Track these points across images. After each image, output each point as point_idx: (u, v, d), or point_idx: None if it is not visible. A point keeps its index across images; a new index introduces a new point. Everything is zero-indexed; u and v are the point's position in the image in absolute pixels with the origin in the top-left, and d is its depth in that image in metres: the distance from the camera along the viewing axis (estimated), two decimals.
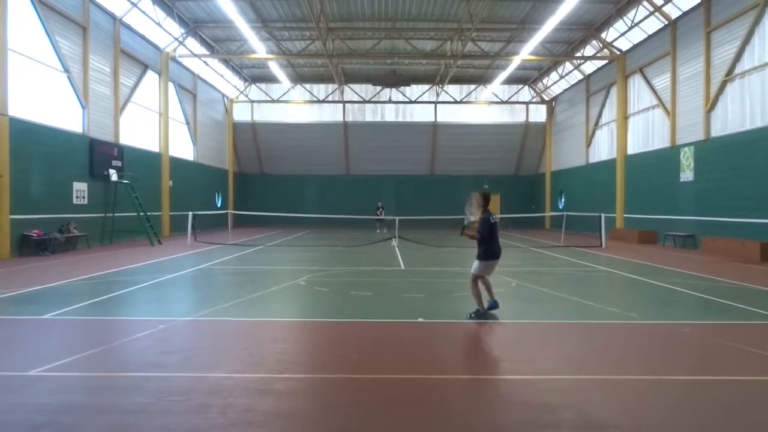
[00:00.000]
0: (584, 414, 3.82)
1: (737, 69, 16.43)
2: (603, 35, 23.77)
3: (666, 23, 20.22)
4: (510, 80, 31.71)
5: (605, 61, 25.16)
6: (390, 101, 33.91)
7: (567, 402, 4.04)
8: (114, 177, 18.58)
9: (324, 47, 23.66)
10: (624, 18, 21.98)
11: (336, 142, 34.49)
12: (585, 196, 27.39)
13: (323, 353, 5.64)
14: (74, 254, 15.16)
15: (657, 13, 20.25)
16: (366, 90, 33.50)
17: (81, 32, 17.38)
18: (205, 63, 28.24)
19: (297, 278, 10.63)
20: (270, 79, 32.83)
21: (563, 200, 31.10)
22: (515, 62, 26.08)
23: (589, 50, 25.87)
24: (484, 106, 34.33)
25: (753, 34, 15.71)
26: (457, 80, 32.08)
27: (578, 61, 27.36)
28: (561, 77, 30.45)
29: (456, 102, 34.01)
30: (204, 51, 26.31)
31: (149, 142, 22.57)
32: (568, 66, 28.96)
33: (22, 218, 14.50)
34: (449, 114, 34.29)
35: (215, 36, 25.73)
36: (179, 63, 25.30)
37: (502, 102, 34.16)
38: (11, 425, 3.60)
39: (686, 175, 18.93)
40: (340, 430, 3.60)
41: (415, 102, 33.97)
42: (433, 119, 34.05)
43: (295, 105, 34.20)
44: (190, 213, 19.88)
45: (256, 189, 35.32)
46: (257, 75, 32.68)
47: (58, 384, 4.43)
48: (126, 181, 19.03)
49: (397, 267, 12.87)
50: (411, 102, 33.98)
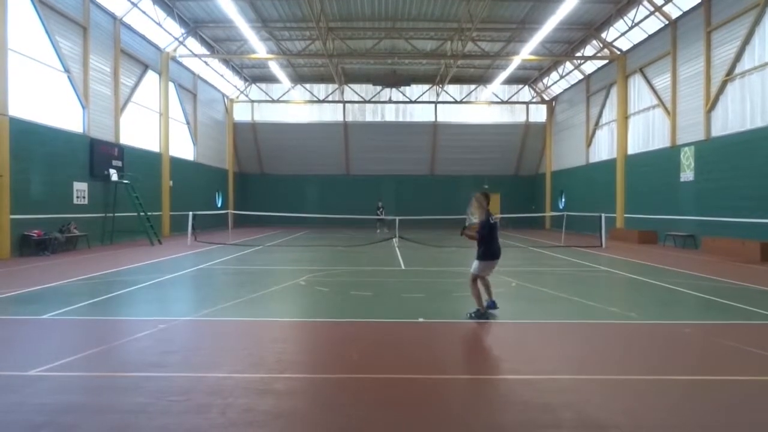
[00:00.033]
0: (584, 414, 3.82)
1: (737, 69, 16.42)
2: (603, 35, 23.77)
3: (666, 23, 20.21)
4: (510, 80, 31.71)
5: (605, 61, 25.16)
6: (390, 101, 33.92)
7: (567, 402, 4.04)
8: (114, 177, 18.59)
9: (324, 47, 23.66)
10: (624, 18, 21.98)
11: (336, 142, 34.49)
12: (585, 196, 27.38)
13: (323, 353, 5.64)
14: (74, 254, 15.17)
15: (657, 13, 20.25)
16: (366, 90, 33.50)
17: (81, 32, 17.39)
18: (206, 63, 28.24)
19: (297, 278, 10.63)
20: (270, 79, 32.84)
21: (563, 200, 31.09)
22: (515, 62, 26.07)
23: (590, 50, 25.86)
24: (485, 106, 34.32)
25: (753, 34, 15.71)
26: (458, 80, 32.07)
27: (578, 61, 27.35)
28: (561, 77, 30.44)
29: (456, 102, 34.00)
30: (204, 51, 26.32)
31: (149, 142, 22.58)
32: (569, 66, 28.96)
33: (23, 218, 14.50)
34: (449, 114, 34.29)
35: (215, 36, 25.74)
36: (179, 63, 25.31)
37: (503, 102, 34.15)
38: (11, 425, 3.60)
39: (686, 175, 18.92)
40: (340, 430, 3.60)
41: (415, 102, 33.97)
42: (434, 119, 34.05)
43: (296, 105, 34.20)
44: (191, 213, 19.88)
45: (257, 189, 35.31)
46: (257, 75, 32.69)
47: (58, 384, 4.43)
48: (126, 181, 19.04)
49: (398, 267, 12.87)
50: (411, 102, 33.98)
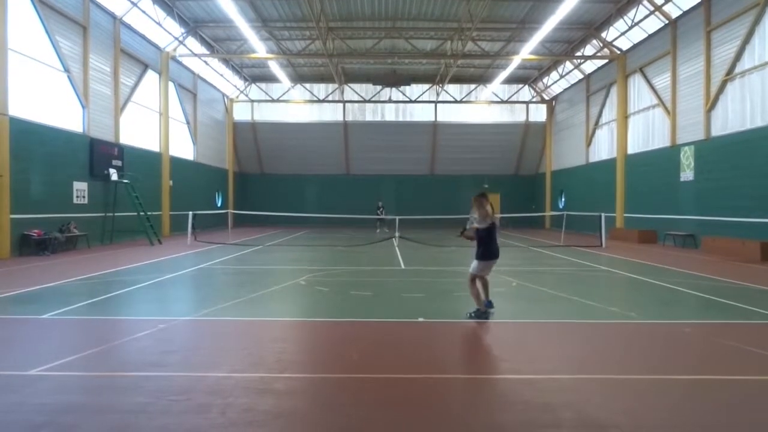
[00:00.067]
0: (584, 414, 3.81)
1: (737, 68, 16.42)
2: (603, 35, 23.76)
3: (666, 22, 20.21)
4: (510, 80, 31.70)
5: (605, 61, 25.15)
6: (390, 101, 33.90)
7: (567, 402, 4.04)
8: (114, 177, 18.58)
9: (324, 47, 23.66)
10: (624, 17, 21.98)
11: (336, 142, 34.48)
12: (585, 196, 27.38)
13: (323, 353, 5.64)
14: (74, 254, 15.17)
15: (657, 13, 20.24)
16: (366, 89, 33.49)
17: (81, 32, 17.38)
18: (206, 62, 28.24)
19: (297, 278, 10.63)
20: (270, 79, 32.82)
21: (563, 200, 31.09)
22: (515, 62, 26.07)
23: (590, 50, 25.86)
24: (484, 106, 34.32)
25: (753, 34, 15.70)
26: (457, 80, 32.06)
27: (578, 61, 27.36)
28: (561, 77, 30.44)
29: (456, 101, 33.99)
30: (204, 50, 26.32)
31: (149, 142, 22.57)
32: (569, 65, 28.96)
33: (23, 218, 14.50)
34: (449, 113, 34.28)
35: (215, 35, 25.73)
36: (179, 62, 25.30)
37: (502, 101, 34.14)
38: (11, 425, 3.60)
39: (686, 175, 18.92)
40: (341, 430, 3.60)
41: (415, 101, 33.95)
42: (433, 119, 34.04)
43: (295, 104, 34.20)
44: (190, 213, 19.90)
45: (256, 189, 35.31)
46: (257, 74, 32.68)
47: (58, 384, 4.43)
48: (126, 181, 19.03)
49: (397, 267, 12.87)
50: (411, 101, 33.97)
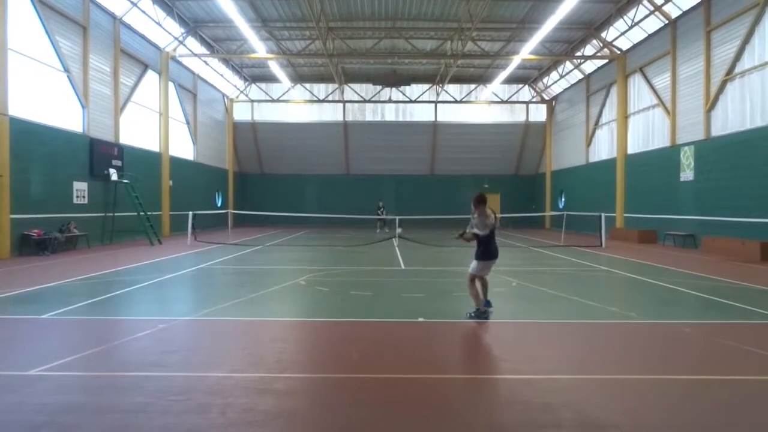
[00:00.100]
0: (584, 414, 3.82)
1: (737, 68, 16.42)
2: (603, 34, 23.76)
3: (666, 22, 20.21)
4: (510, 80, 31.69)
5: (605, 61, 25.15)
6: (390, 101, 33.90)
7: (567, 402, 4.04)
8: (114, 177, 18.58)
9: (324, 47, 23.65)
10: (624, 17, 21.98)
11: (336, 142, 34.48)
12: (585, 196, 27.38)
13: (323, 353, 5.64)
14: (74, 254, 15.17)
15: (657, 13, 20.24)
16: (366, 89, 33.49)
17: (81, 32, 17.37)
18: (205, 62, 28.23)
19: (297, 278, 10.63)
20: (270, 79, 32.82)
21: (563, 200, 31.09)
22: (515, 62, 26.07)
23: (589, 50, 25.85)
24: (484, 106, 34.31)
25: (753, 34, 15.70)
26: (457, 80, 32.06)
27: (578, 61, 27.35)
28: (561, 77, 30.44)
29: (456, 101, 33.99)
30: (204, 50, 26.32)
31: (149, 142, 22.57)
32: (569, 65, 28.96)
33: (23, 218, 14.50)
34: (449, 113, 34.27)
35: (215, 35, 25.72)
36: (179, 62, 25.29)
37: (502, 101, 34.14)
38: (11, 425, 3.60)
39: (686, 175, 18.92)
40: (341, 430, 3.60)
41: (415, 101, 33.95)
42: (433, 119, 34.04)
43: (295, 104, 34.19)
44: (190, 213, 19.90)
45: (256, 189, 35.30)
46: (257, 74, 32.67)
47: (58, 384, 4.43)
48: (126, 181, 19.03)
49: (397, 267, 12.87)
50: (411, 101, 33.96)
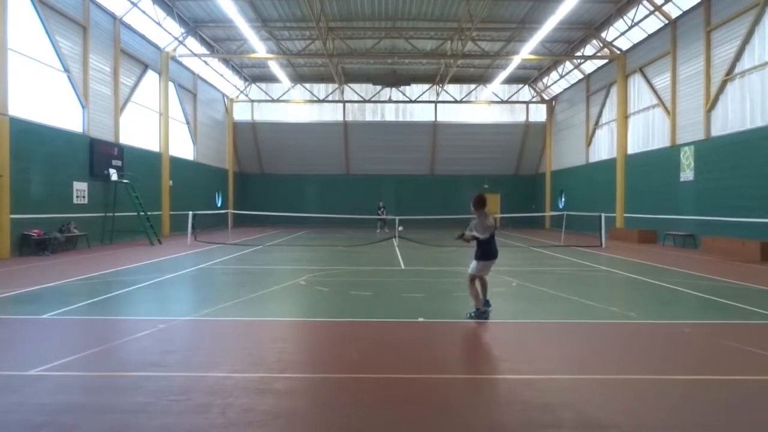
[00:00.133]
0: (584, 414, 3.82)
1: (737, 68, 16.42)
2: (603, 35, 23.76)
3: (666, 23, 20.21)
4: (510, 80, 31.69)
5: (605, 61, 25.15)
6: (390, 101, 33.89)
7: (567, 402, 4.04)
8: (114, 177, 18.58)
9: (324, 47, 23.66)
10: (624, 17, 21.98)
11: (336, 142, 34.48)
12: (585, 196, 27.38)
13: (323, 353, 5.64)
14: (74, 254, 15.17)
15: (657, 13, 20.24)
16: (366, 89, 33.49)
17: (81, 32, 17.38)
18: (205, 62, 28.23)
19: (297, 278, 10.63)
20: (270, 79, 32.82)
21: (563, 200, 31.09)
22: (515, 62, 26.07)
23: (589, 50, 25.85)
24: (484, 106, 34.31)
25: (753, 34, 15.70)
26: (457, 80, 32.06)
27: (578, 61, 27.35)
28: (561, 77, 30.44)
29: (456, 101, 33.99)
30: (204, 50, 26.32)
31: (149, 142, 22.57)
32: (568, 65, 28.96)
33: (23, 218, 14.50)
34: (449, 113, 34.27)
35: (215, 35, 25.72)
36: (179, 62, 25.29)
37: (502, 101, 34.13)
38: (11, 425, 3.60)
39: (686, 175, 18.92)
40: (341, 430, 3.60)
41: (415, 101, 33.95)
42: (433, 119, 34.03)
43: (295, 104, 34.19)
44: (190, 213, 19.90)
45: (256, 189, 35.30)
46: (257, 74, 32.67)
47: (58, 384, 4.43)
48: (126, 181, 19.03)
49: (397, 267, 12.87)
50: (411, 101, 33.96)
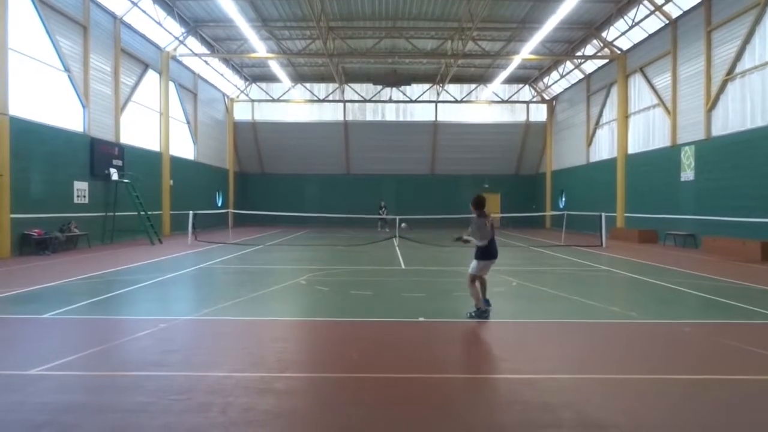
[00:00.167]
0: (584, 413, 3.82)
1: (738, 68, 16.41)
2: (603, 34, 23.74)
3: (666, 22, 20.20)
4: (510, 79, 31.67)
5: (606, 61, 25.14)
6: (390, 100, 33.88)
7: (567, 401, 4.05)
8: (115, 176, 18.58)
9: (324, 46, 23.65)
10: (624, 17, 21.96)
11: (336, 142, 34.47)
12: (585, 196, 27.37)
13: (323, 352, 5.64)
14: (75, 253, 15.17)
15: (657, 13, 20.23)
16: (366, 89, 33.47)
17: (81, 31, 17.38)
18: (206, 62, 28.22)
19: (297, 277, 10.63)
20: (270, 79, 32.81)
21: (564, 200, 31.08)
22: (516, 61, 26.04)
23: (590, 49, 25.84)
24: (485, 106, 34.29)
25: (753, 34, 15.69)
26: (458, 79, 32.03)
27: (579, 61, 27.34)
28: (561, 76, 30.42)
29: (456, 101, 33.97)
30: (204, 50, 26.32)
31: (150, 142, 22.57)
32: (569, 65, 28.94)
33: (23, 217, 14.50)
34: (450, 113, 34.25)
35: (216, 35, 25.72)
36: (180, 62, 25.29)
37: (503, 101, 34.12)
38: (12, 424, 3.60)
39: (687, 175, 18.91)
40: (341, 430, 3.60)
41: (416, 101, 33.93)
42: (434, 118, 34.01)
43: (296, 104, 34.18)
44: (191, 212, 19.92)
45: (257, 188, 35.31)
46: (258, 74, 32.67)
47: (59, 383, 4.44)
48: (127, 181, 19.03)
49: (398, 266, 12.87)
50: (411, 101, 33.94)
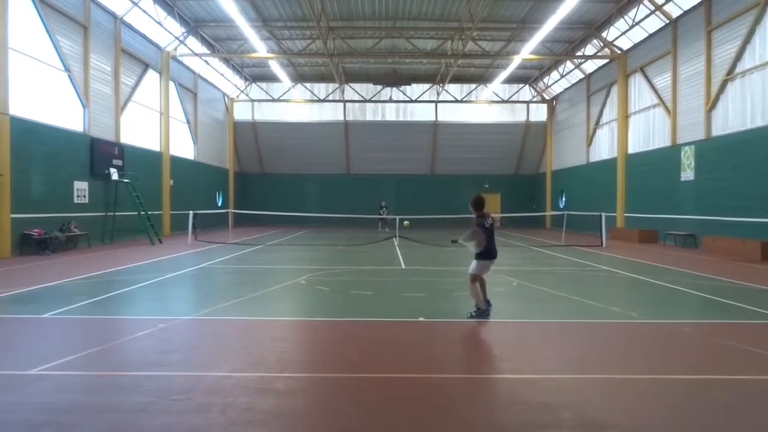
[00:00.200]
0: (584, 413, 3.81)
1: (738, 68, 16.40)
2: (604, 34, 23.74)
3: (667, 22, 20.19)
4: (510, 79, 31.66)
5: (606, 60, 25.13)
6: (390, 100, 33.87)
7: (567, 401, 4.04)
8: (115, 176, 18.58)
9: (324, 46, 23.65)
10: (625, 17, 21.96)
11: (336, 142, 34.47)
12: (586, 196, 27.37)
13: (323, 352, 5.64)
14: (75, 253, 15.17)
15: (658, 12, 20.22)
16: (366, 89, 33.46)
17: (82, 31, 17.38)
18: (206, 62, 28.22)
19: (297, 277, 10.63)
20: (271, 78, 32.81)
21: (564, 199, 31.08)
22: (516, 61, 26.04)
23: (590, 49, 25.84)
24: (485, 106, 34.28)
25: (754, 33, 15.69)
26: (458, 79, 32.02)
27: (579, 60, 27.33)
28: (562, 76, 30.41)
29: (456, 101, 33.96)
30: (205, 50, 26.32)
31: (150, 141, 22.57)
32: (569, 65, 28.93)
33: (23, 217, 14.50)
34: (450, 113, 34.25)
35: (216, 35, 25.72)
36: (180, 62, 25.29)
37: (503, 101, 34.11)
38: (12, 424, 3.60)
39: (687, 175, 18.91)
40: (341, 430, 3.60)
41: (416, 101, 33.92)
42: (434, 118, 34.01)
43: (296, 104, 34.18)
44: (191, 212, 19.91)
45: (257, 188, 35.31)
46: (258, 74, 32.67)
47: (59, 383, 4.43)
48: (127, 180, 19.03)
49: (398, 266, 12.87)
50: (411, 101, 33.93)
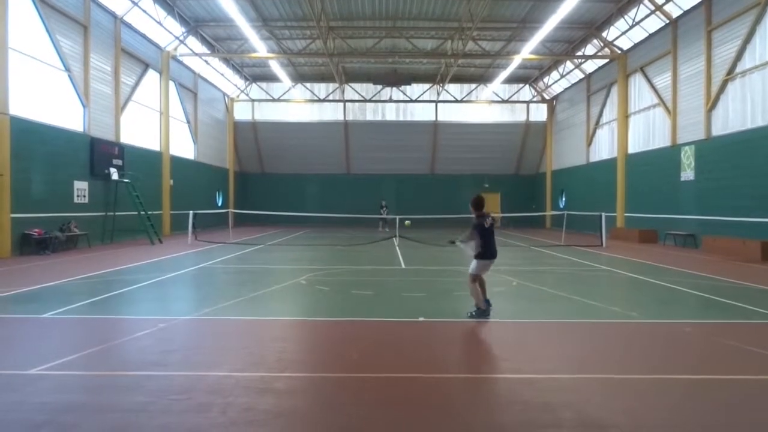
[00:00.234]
0: (584, 413, 3.81)
1: (738, 68, 16.40)
2: (604, 34, 23.74)
3: (667, 22, 20.19)
4: (511, 79, 31.65)
5: (606, 60, 25.13)
6: (391, 100, 33.87)
7: (567, 401, 4.04)
8: (115, 176, 18.58)
9: (325, 46, 23.65)
10: (625, 17, 21.95)
11: (337, 141, 34.47)
12: (586, 196, 27.37)
13: (324, 352, 5.64)
14: (75, 253, 15.17)
15: (658, 12, 20.22)
16: (367, 89, 33.46)
17: (82, 31, 17.38)
18: (206, 62, 28.22)
19: (297, 277, 10.63)
20: (271, 78, 32.81)
21: (564, 199, 31.08)
22: (516, 61, 26.03)
23: (590, 49, 25.83)
24: (485, 105, 34.28)
25: (754, 33, 15.68)
26: (458, 79, 32.02)
27: (579, 60, 27.33)
28: (562, 76, 30.41)
29: (457, 101, 33.96)
30: (205, 50, 26.31)
31: (150, 141, 22.57)
32: (569, 65, 28.93)
33: (23, 217, 14.50)
34: (450, 113, 34.24)
35: (216, 35, 25.72)
36: (180, 62, 25.29)
37: (503, 101, 34.11)
38: (12, 424, 3.60)
39: (687, 175, 18.91)
40: (341, 429, 3.60)
41: (416, 101, 33.92)
42: (434, 118, 34.01)
43: (296, 104, 34.18)
44: (191, 212, 19.92)
45: (257, 188, 35.31)
46: (258, 74, 32.67)
47: (59, 383, 4.43)
48: (127, 180, 19.03)
49: (398, 266, 12.86)
50: (412, 101, 33.93)
